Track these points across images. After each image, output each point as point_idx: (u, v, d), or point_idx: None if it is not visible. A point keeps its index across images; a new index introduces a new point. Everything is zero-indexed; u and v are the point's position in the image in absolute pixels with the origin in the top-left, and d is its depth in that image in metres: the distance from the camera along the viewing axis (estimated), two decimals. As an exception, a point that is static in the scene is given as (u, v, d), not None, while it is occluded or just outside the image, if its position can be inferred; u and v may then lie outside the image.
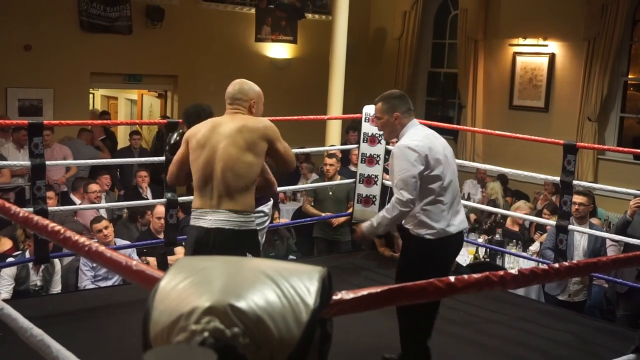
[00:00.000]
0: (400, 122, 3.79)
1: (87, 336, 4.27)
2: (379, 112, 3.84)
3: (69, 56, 9.95)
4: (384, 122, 3.82)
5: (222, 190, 3.49)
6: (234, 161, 3.47)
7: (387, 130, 3.87)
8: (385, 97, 3.85)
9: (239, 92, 3.72)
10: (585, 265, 1.81)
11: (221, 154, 3.49)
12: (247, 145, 3.49)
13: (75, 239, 1.65)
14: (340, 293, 1.31)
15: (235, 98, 3.71)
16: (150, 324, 1.08)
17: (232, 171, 3.47)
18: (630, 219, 5.75)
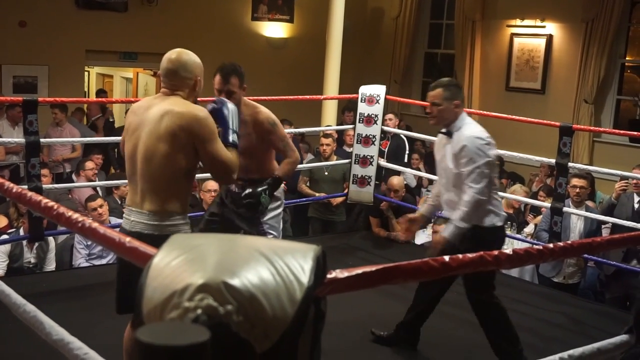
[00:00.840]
0: (459, 111, 3.81)
1: (80, 314, 4.28)
2: (439, 99, 3.80)
3: (64, 33, 9.88)
4: (443, 109, 3.80)
5: (143, 186, 2.97)
6: (152, 152, 2.93)
7: (443, 117, 3.83)
8: (446, 84, 3.86)
9: (181, 67, 3.06)
10: (580, 245, 1.81)
11: (142, 143, 2.97)
12: (165, 135, 2.90)
13: (69, 215, 1.64)
14: (334, 272, 1.31)
15: (173, 73, 3.06)
16: (143, 301, 1.08)
17: (150, 164, 2.94)
18: (616, 202, 5.77)
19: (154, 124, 2.92)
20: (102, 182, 7.05)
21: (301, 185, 7.14)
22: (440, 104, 3.79)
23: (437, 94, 3.80)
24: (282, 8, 11.61)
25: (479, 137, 3.71)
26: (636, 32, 9.96)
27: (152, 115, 2.95)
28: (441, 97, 3.79)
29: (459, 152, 3.73)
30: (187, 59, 3.10)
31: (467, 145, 3.69)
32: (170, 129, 2.88)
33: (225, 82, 3.85)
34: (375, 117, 6.16)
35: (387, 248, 6.12)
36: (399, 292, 4.72)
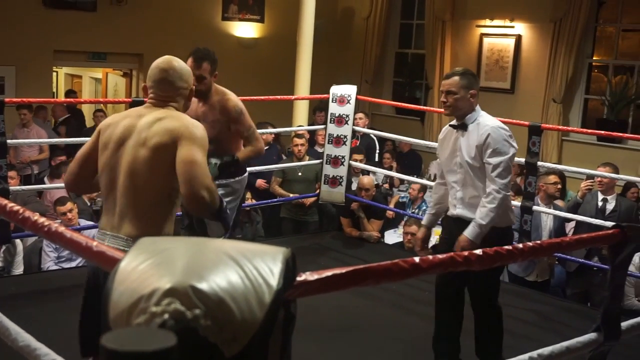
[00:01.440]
0: (475, 101, 3.64)
1: (49, 318, 4.22)
2: (455, 87, 3.60)
3: (31, 33, 9.75)
4: (459, 98, 3.60)
5: (123, 206, 2.64)
6: (136, 166, 2.62)
7: (459, 106, 3.62)
8: (463, 73, 3.66)
9: (177, 76, 2.82)
10: (549, 245, 1.83)
11: (126, 155, 2.65)
12: (154, 147, 2.61)
13: (35, 219, 1.61)
14: (304, 274, 1.30)
15: (169, 83, 2.80)
16: (109, 306, 1.06)
17: (134, 179, 2.62)
18: (581, 201, 5.84)
19: (143, 135, 2.63)
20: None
21: (274, 186, 7.11)
22: (457, 93, 3.59)
23: (453, 82, 3.60)
24: (253, 8, 11.57)
25: (503, 128, 3.56)
26: (603, 32, 10.10)
27: (141, 127, 2.66)
28: (458, 86, 3.59)
29: (483, 143, 3.53)
30: (183, 67, 2.88)
31: (492, 135, 3.51)
32: (160, 142, 2.60)
33: (197, 67, 3.86)
34: (346, 117, 6.17)
35: (358, 248, 6.13)
36: (371, 291, 4.73)
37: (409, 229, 6.27)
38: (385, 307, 4.73)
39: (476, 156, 3.57)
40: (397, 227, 7.34)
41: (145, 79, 2.94)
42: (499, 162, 3.47)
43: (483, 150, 3.53)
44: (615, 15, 9.84)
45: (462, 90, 3.59)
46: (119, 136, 2.68)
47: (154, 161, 2.60)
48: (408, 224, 6.37)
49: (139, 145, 2.62)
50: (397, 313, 4.70)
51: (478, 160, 3.56)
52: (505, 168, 3.47)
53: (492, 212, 3.48)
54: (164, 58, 2.90)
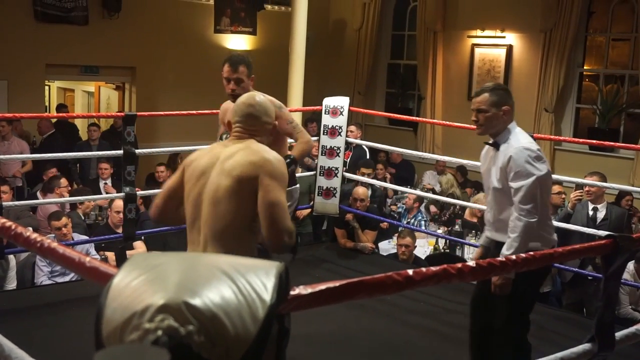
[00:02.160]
0: (509, 118, 3.42)
1: (43, 333, 4.19)
2: (485, 104, 3.42)
3: (23, 47, 9.74)
4: (490, 116, 3.40)
5: (207, 234, 2.69)
6: (220, 195, 2.65)
7: (490, 125, 3.43)
8: (493, 89, 3.47)
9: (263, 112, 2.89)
10: (542, 256, 1.83)
11: (210, 184, 2.69)
12: (236, 177, 2.64)
13: (27, 235, 1.61)
14: (297, 288, 1.30)
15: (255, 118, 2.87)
16: (102, 323, 1.06)
17: (216, 210, 2.66)
18: (572, 212, 5.85)
19: (226, 165, 2.67)
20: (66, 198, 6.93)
21: None
22: (487, 111, 3.41)
23: (483, 100, 3.42)
24: (245, 20, 11.60)
25: (527, 149, 3.31)
26: (593, 42, 10.16)
27: (224, 157, 2.70)
28: (487, 103, 3.40)
29: (507, 165, 3.35)
30: (267, 103, 2.94)
31: (513, 157, 3.31)
32: (242, 173, 2.63)
33: (233, 70, 3.92)
34: (339, 128, 6.17)
35: (353, 259, 6.12)
36: (366, 303, 4.72)
37: (402, 241, 6.26)
38: (380, 318, 4.72)
39: (501, 179, 3.39)
40: (391, 238, 7.34)
41: (137, 92, 2.97)
42: (520, 186, 3.27)
43: (507, 173, 3.35)
44: (605, 24, 9.91)
45: (493, 108, 3.40)
46: (203, 167, 2.73)
47: (235, 191, 2.63)
48: (402, 236, 6.36)
49: (222, 174, 2.66)
50: (392, 324, 4.69)
51: (503, 183, 3.39)
52: (527, 192, 3.25)
53: (515, 242, 3.28)
54: (248, 94, 2.99)
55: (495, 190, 3.43)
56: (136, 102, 11.00)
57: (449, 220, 7.88)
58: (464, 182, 9.49)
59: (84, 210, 6.97)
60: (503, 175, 3.37)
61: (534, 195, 3.26)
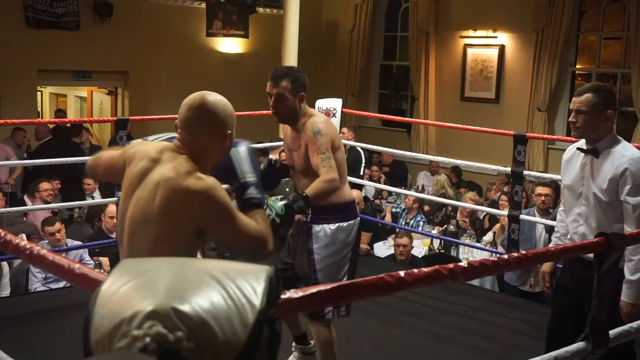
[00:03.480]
0: (611, 124, 3.12)
1: (37, 340, 4.18)
2: (587, 106, 3.08)
3: (14, 53, 9.71)
4: (590, 119, 3.08)
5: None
6: (140, 227, 2.19)
7: (590, 129, 3.10)
8: (597, 89, 3.15)
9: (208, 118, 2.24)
10: (534, 255, 1.83)
11: (132, 209, 2.23)
12: (157, 213, 2.14)
13: (16, 243, 1.60)
14: (288, 292, 1.29)
15: (195, 125, 2.23)
16: (91, 330, 1.05)
17: (134, 241, 2.22)
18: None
19: (147, 194, 2.17)
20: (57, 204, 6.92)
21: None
22: (589, 112, 3.06)
23: (585, 100, 3.08)
24: (237, 23, 11.59)
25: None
26: (585, 41, 10.19)
27: (151, 182, 2.18)
28: (589, 104, 3.06)
29: (620, 177, 3.00)
30: (217, 105, 2.27)
31: (631, 169, 2.98)
32: (164, 209, 2.12)
33: (274, 85, 3.40)
34: (332, 130, 6.16)
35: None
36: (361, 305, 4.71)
37: (400, 241, 6.26)
38: (376, 320, 4.71)
39: (609, 190, 3.03)
40: (385, 240, 7.34)
41: (130, 96, 2.89)
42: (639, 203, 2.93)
43: (619, 186, 3.00)
44: (597, 23, 9.94)
45: (596, 110, 3.06)
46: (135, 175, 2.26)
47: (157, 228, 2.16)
48: (399, 236, 6.36)
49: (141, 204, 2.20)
50: (387, 326, 4.69)
51: (610, 196, 3.04)
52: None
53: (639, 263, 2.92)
54: (197, 94, 2.30)
55: (600, 202, 3.06)
56: (129, 107, 10.99)
57: (443, 220, 7.90)
58: (459, 182, 9.50)
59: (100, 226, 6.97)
60: (612, 186, 3.02)
61: None
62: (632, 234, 2.13)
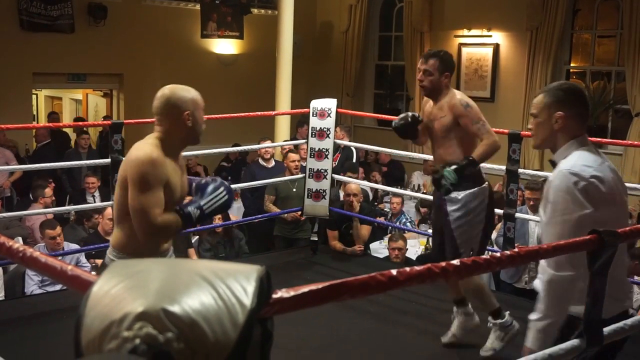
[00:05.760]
0: (564, 129, 2.56)
1: (34, 343, 4.18)
2: (536, 108, 2.64)
3: (9, 56, 9.71)
4: (539, 122, 2.62)
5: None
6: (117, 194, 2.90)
7: (541, 134, 2.64)
8: (551, 89, 2.66)
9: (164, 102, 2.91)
10: (527, 253, 1.83)
11: None
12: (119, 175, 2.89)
13: (9, 245, 1.60)
14: (280, 291, 1.30)
15: (156, 109, 2.93)
16: (82, 332, 1.05)
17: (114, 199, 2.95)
18: None
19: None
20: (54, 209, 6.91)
21: (268, 205, 7.02)
22: (537, 115, 2.63)
23: (536, 102, 2.67)
24: (232, 25, 11.59)
25: (575, 173, 2.42)
26: (579, 39, 10.21)
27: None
28: (539, 106, 2.64)
29: (547, 194, 2.53)
30: (172, 93, 2.91)
31: (554, 183, 2.48)
32: (121, 170, 2.87)
33: (424, 62, 4.03)
34: (327, 130, 6.17)
35: (345, 261, 6.11)
36: (357, 304, 4.72)
37: (395, 244, 6.27)
38: (372, 319, 4.72)
39: (545, 210, 2.55)
40: (382, 239, 7.34)
41: (125, 99, 3.09)
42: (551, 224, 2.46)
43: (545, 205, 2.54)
44: (591, 22, 9.97)
45: (544, 113, 2.61)
46: None
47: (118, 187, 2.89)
48: (394, 239, 6.36)
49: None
50: (384, 325, 4.69)
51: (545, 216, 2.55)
52: (560, 235, 2.35)
53: (545, 306, 2.43)
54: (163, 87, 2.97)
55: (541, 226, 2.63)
56: (124, 109, 10.98)
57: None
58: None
59: (91, 225, 6.95)
60: (543, 205, 2.57)
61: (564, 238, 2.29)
62: (624, 231, 2.13)
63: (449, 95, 4.03)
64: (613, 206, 2.47)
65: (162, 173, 2.79)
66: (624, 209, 2.62)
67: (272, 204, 6.99)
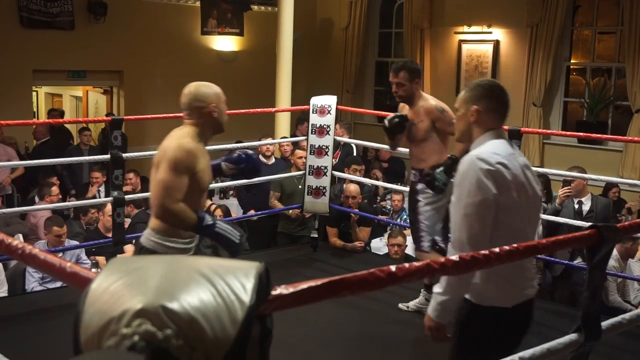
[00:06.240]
0: (479, 122, 2.69)
1: (34, 340, 4.19)
2: (457, 102, 2.78)
3: (9, 53, 9.69)
4: (458, 116, 2.77)
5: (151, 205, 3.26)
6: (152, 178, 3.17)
7: (459, 127, 2.79)
8: (471, 85, 2.80)
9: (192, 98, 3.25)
10: (526, 248, 1.83)
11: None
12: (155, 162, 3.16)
13: (8, 242, 1.60)
14: (279, 288, 1.30)
15: (185, 105, 3.27)
16: (80, 329, 1.05)
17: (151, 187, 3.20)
18: (560, 207, 5.87)
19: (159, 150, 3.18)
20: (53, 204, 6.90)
21: (273, 201, 7.00)
22: (458, 109, 2.79)
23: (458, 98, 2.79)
24: (232, 21, 11.58)
25: (482, 159, 2.53)
26: (579, 35, 10.19)
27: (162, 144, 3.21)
28: (459, 101, 2.77)
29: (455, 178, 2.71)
30: (198, 89, 3.27)
31: (461, 169, 2.61)
32: (158, 157, 3.14)
33: (394, 76, 4.47)
34: (327, 127, 6.17)
35: (345, 258, 6.12)
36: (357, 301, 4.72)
37: (394, 241, 6.28)
38: (372, 315, 4.72)
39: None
40: (382, 236, 7.34)
41: (125, 96, 3.16)
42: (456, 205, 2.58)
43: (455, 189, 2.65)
44: (591, 18, 9.95)
45: (463, 107, 2.75)
46: None
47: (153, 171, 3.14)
48: (393, 236, 6.37)
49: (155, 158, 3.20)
50: (384, 322, 4.70)
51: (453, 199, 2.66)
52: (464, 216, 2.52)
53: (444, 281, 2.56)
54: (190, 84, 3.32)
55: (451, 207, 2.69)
56: (125, 106, 10.97)
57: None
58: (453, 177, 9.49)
59: (87, 220, 6.94)
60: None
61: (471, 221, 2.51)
62: (624, 225, 2.14)
63: (422, 99, 4.53)
64: (518, 195, 2.55)
65: (193, 163, 3.09)
66: (532, 201, 2.64)
67: (277, 201, 6.97)
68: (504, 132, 2.77)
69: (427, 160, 4.50)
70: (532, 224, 2.67)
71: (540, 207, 2.74)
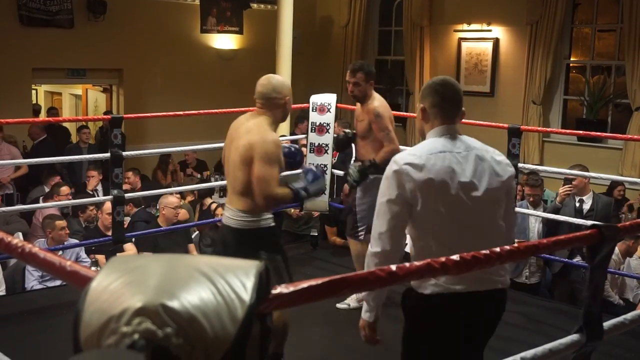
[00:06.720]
0: (425, 120, 2.73)
1: (34, 339, 4.18)
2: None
3: (9, 52, 9.68)
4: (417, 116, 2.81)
5: (230, 191, 3.53)
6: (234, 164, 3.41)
7: (417, 127, 2.88)
8: (426, 84, 2.81)
9: (271, 89, 3.48)
10: (526, 247, 1.83)
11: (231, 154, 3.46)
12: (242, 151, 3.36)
13: (8, 241, 1.59)
14: (279, 287, 1.30)
15: (264, 96, 3.48)
16: (80, 327, 1.05)
17: (235, 174, 3.43)
18: (560, 206, 5.88)
19: (240, 142, 3.37)
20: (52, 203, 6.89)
21: None
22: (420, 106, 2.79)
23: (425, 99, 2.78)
24: (231, 19, 11.57)
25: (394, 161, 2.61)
26: (579, 33, 10.19)
27: (241, 132, 3.42)
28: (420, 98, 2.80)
29: None
30: (277, 81, 3.53)
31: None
32: (244, 148, 3.33)
33: (352, 76, 4.75)
34: (327, 125, 6.17)
35: (345, 256, 6.10)
36: (357, 300, 4.71)
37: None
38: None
39: None
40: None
41: (125, 94, 3.14)
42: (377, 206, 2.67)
43: None
44: (591, 16, 9.95)
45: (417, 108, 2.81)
46: (231, 137, 3.52)
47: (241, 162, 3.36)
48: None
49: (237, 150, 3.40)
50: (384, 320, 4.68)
51: None
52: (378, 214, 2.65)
53: None
54: (264, 76, 3.59)
55: None
56: (124, 104, 10.96)
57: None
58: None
59: (86, 218, 6.93)
60: None
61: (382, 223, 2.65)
62: (624, 225, 2.13)
63: (372, 99, 4.78)
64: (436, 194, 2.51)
65: (280, 153, 3.39)
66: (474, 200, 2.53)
67: None
68: (454, 128, 2.71)
69: (366, 156, 4.75)
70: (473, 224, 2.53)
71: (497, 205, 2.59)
